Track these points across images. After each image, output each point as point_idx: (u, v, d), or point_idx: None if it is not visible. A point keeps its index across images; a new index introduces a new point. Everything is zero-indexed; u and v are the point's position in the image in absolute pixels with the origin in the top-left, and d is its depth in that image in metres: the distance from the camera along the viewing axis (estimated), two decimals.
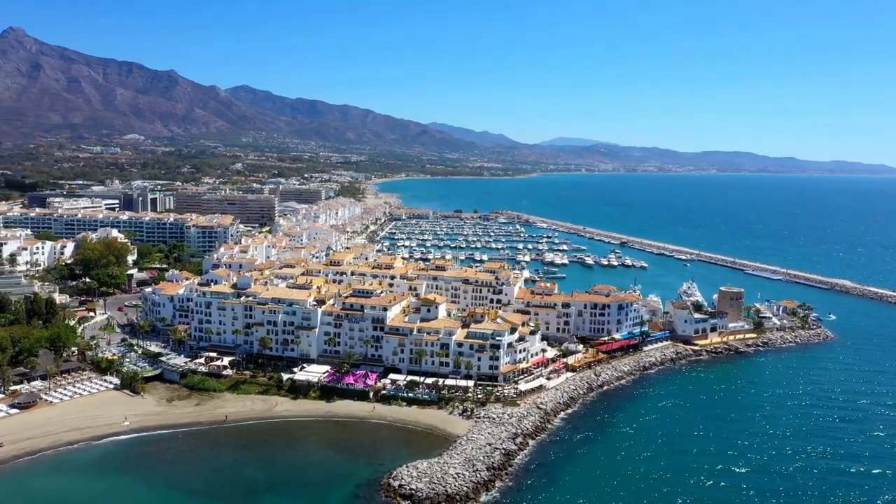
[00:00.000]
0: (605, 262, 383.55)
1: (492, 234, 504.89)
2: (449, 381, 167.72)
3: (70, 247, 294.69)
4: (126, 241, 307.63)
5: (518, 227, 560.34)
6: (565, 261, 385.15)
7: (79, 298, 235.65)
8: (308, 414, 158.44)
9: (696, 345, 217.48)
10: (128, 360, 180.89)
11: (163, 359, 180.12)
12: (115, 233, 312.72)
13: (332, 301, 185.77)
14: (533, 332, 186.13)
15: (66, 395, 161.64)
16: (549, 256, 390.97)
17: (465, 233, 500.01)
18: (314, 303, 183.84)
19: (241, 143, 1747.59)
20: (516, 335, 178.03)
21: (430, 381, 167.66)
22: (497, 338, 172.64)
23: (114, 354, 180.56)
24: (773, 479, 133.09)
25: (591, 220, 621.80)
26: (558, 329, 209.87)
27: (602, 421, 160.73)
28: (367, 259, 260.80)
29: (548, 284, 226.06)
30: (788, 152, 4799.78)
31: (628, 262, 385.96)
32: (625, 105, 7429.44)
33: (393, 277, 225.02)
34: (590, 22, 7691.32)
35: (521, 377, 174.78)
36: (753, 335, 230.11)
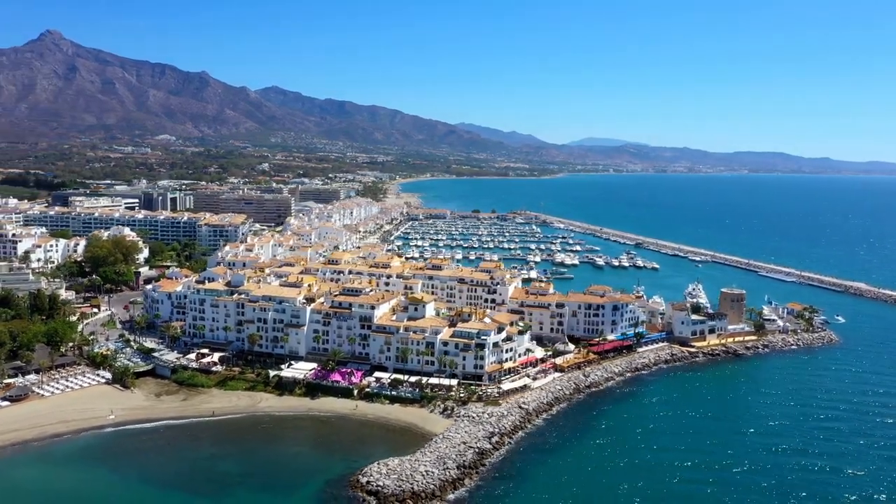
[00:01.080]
0: (616, 263, 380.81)
1: (506, 234, 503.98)
2: (433, 380, 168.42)
3: (83, 244, 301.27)
4: (137, 239, 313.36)
5: (534, 227, 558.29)
6: (576, 261, 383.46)
7: (84, 295, 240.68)
8: (291, 410, 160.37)
9: (692, 346, 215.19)
10: (122, 355, 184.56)
11: (155, 354, 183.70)
12: (126, 231, 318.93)
13: (321, 299, 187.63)
14: (521, 332, 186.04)
15: (58, 388, 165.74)
16: (559, 257, 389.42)
17: (480, 233, 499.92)
18: (304, 301, 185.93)
19: (270, 144, 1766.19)
20: (503, 335, 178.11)
21: (413, 379, 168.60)
22: (482, 337, 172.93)
23: (108, 350, 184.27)
24: (743, 482, 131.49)
25: (610, 220, 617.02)
26: (552, 329, 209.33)
27: (584, 422, 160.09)
28: (365, 258, 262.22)
29: (543, 284, 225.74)
30: (823, 153, 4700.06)
31: (640, 262, 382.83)
32: (655, 105, 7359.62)
33: (389, 276, 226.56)
34: (623, 24, 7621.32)
35: (507, 377, 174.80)
36: (754, 337, 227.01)
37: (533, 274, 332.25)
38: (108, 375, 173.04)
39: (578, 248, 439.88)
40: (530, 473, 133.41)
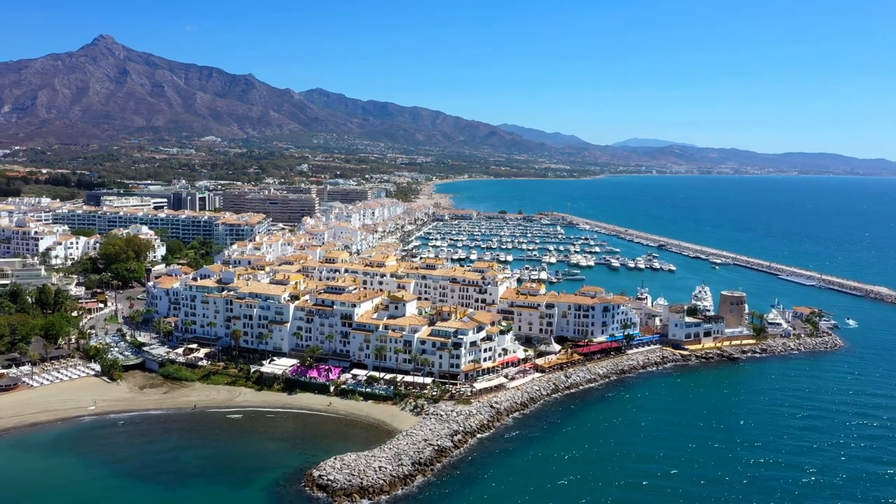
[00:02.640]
0: (632, 265, 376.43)
1: (528, 235, 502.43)
2: (408, 378, 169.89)
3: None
4: (155, 237, 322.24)
5: (559, 228, 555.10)
6: (591, 263, 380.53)
7: (92, 290, 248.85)
8: (266, 405, 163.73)
9: (685, 349, 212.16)
10: (116, 349, 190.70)
11: (145, 349, 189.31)
12: (144, 230, 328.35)
13: (306, 297, 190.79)
14: (503, 332, 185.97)
15: (48, 379, 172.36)
16: (574, 258, 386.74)
17: (503, 234, 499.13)
18: (288, 298, 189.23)
19: (312, 145, 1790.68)
20: (482, 334, 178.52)
21: (389, 377, 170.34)
22: (459, 336, 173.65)
23: (102, 343, 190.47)
24: (704, 485, 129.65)
25: (639, 222, 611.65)
26: (541, 330, 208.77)
27: (555, 423, 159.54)
28: (362, 258, 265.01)
29: (533, 285, 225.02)
30: (879, 153, 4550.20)
31: (656, 265, 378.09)
32: (703, 106, 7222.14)
33: (383, 276, 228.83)
34: (672, 26, 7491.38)
35: (485, 376, 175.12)
36: (752, 341, 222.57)
37: (543, 275, 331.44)
38: (98, 368, 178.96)
39: (598, 249, 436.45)
40: (485, 472, 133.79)
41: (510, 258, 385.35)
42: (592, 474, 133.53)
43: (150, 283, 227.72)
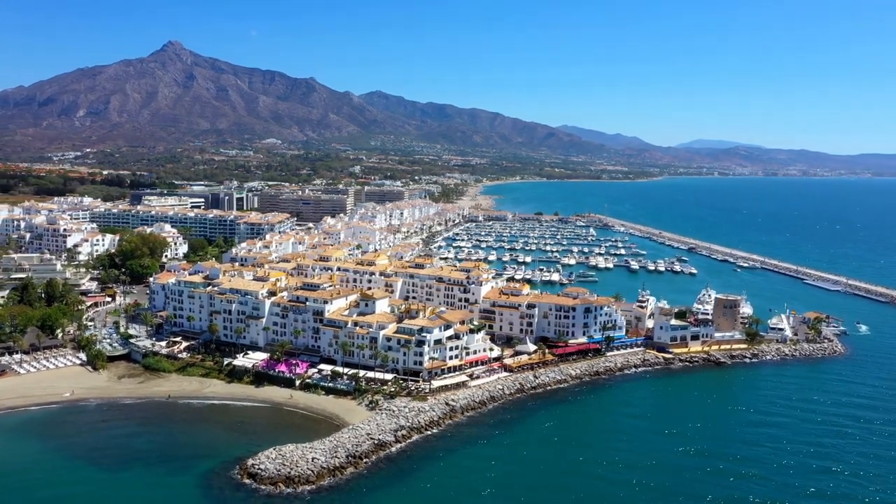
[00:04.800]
0: (652, 268, 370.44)
1: (558, 237, 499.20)
2: (371, 374, 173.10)
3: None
4: (177, 235, 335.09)
5: (591, 230, 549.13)
6: (610, 265, 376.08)
7: (102, 285, 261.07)
8: (231, 397, 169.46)
9: (669, 353, 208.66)
10: (108, 340, 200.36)
11: (132, 341, 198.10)
12: (167, 228, 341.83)
13: (283, 293, 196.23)
14: (473, 331, 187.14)
15: (35, 367, 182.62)
16: (594, 260, 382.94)
17: (532, 235, 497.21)
18: (266, 294, 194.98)
19: (369, 147, 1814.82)
20: (448, 332, 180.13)
21: (352, 372, 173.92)
22: (423, 334, 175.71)
23: (92, 335, 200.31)
24: (638, 491, 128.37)
25: (677, 224, 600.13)
26: (521, 330, 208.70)
27: (508, 422, 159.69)
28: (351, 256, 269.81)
29: (517, 285, 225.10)
30: None
31: (677, 268, 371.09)
32: (771, 106, 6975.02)
33: (373, 274, 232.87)
34: (739, 26, 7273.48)
35: (449, 374, 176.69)
36: (743, 346, 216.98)
37: (555, 276, 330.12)
38: (85, 358, 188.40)
39: (623, 251, 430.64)
40: (419, 468, 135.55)
41: (528, 259, 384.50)
42: (528, 475, 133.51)
43: (152, 279, 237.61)
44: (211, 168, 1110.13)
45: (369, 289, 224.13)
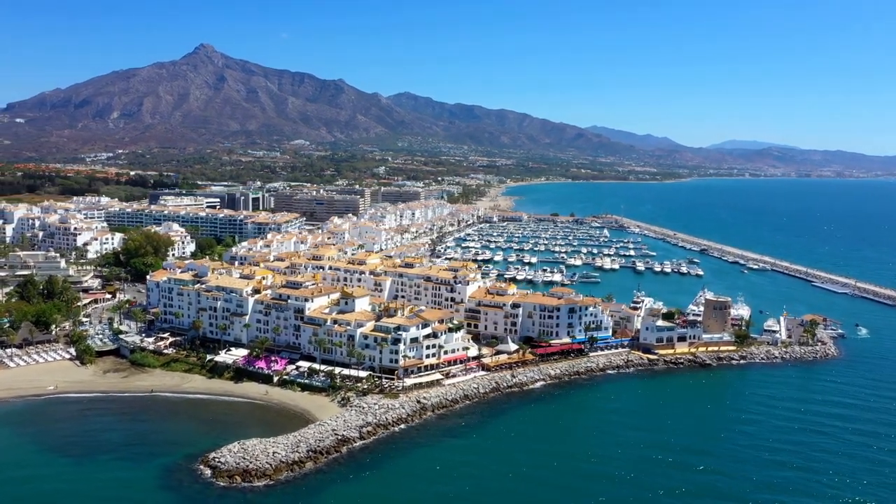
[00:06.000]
0: (658, 269, 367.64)
1: (570, 237, 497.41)
2: (346, 371, 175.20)
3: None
4: (185, 234, 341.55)
5: (605, 231, 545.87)
6: (616, 266, 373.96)
7: (104, 282, 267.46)
8: (210, 392, 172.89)
9: (654, 354, 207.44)
10: (100, 336, 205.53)
11: (121, 336, 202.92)
12: (175, 227, 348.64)
13: (267, 291, 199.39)
14: (451, 330, 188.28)
15: (25, 361, 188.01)
16: (600, 261, 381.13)
17: (544, 236, 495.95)
18: (250, 292, 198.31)
19: (396, 148, 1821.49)
20: (426, 331, 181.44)
21: (328, 369, 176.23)
22: (399, 332, 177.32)
23: (83, 330, 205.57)
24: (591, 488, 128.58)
25: (694, 225, 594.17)
26: (506, 330, 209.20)
27: (477, 420, 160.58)
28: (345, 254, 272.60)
29: (503, 285, 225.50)
30: None
31: (684, 269, 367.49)
32: (808, 106, 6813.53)
33: (362, 273, 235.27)
34: (776, 28, 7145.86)
35: (424, 372, 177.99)
36: (732, 348, 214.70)
37: (557, 277, 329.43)
38: (74, 353, 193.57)
39: (633, 252, 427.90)
40: (380, 464, 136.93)
41: (534, 260, 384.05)
42: (486, 472, 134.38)
43: (148, 277, 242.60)
44: (237, 169, 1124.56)
45: (360, 287, 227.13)
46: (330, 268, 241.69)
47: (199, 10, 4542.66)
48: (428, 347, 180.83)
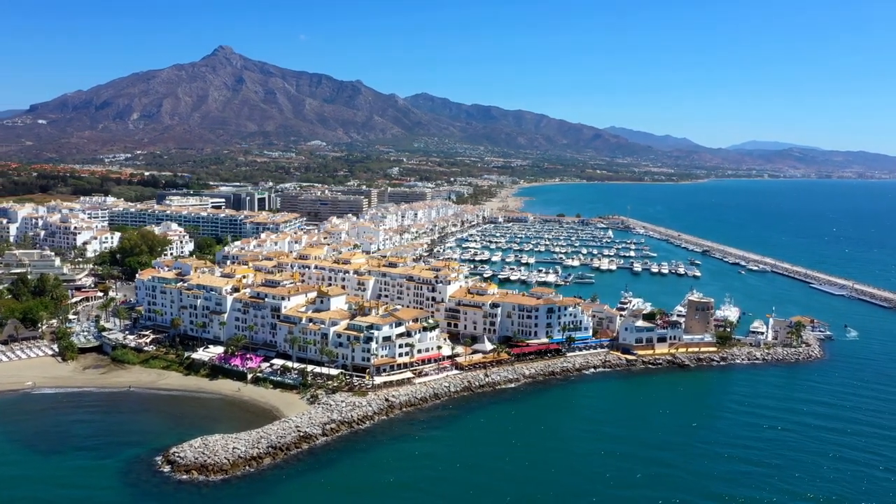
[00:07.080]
0: (656, 270, 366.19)
1: (573, 238, 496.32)
2: (318, 369, 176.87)
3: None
4: (183, 234, 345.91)
5: (609, 232, 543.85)
6: (613, 267, 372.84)
7: (97, 280, 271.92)
8: (183, 388, 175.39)
9: (633, 354, 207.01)
10: (84, 333, 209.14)
11: (104, 333, 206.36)
12: (174, 226, 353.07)
13: (246, 290, 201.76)
14: (426, 329, 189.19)
15: (8, 357, 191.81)
16: (596, 262, 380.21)
17: (547, 237, 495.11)
18: (230, 290, 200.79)
19: (412, 149, 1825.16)
20: (399, 329, 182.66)
21: (300, 367, 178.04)
22: (371, 331, 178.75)
23: (67, 327, 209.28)
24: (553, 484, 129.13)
25: (700, 226, 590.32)
26: (485, 329, 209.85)
27: (443, 419, 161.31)
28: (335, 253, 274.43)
29: (483, 285, 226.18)
30: None
31: (681, 270, 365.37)
32: (831, 107, 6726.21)
33: (346, 272, 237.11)
34: (800, 30, 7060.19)
35: (395, 371, 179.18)
36: (713, 349, 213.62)
37: (551, 278, 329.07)
38: (57, 349, 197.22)
39: (633, 253, 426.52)
40: (340, 461, 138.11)
41: (532, 260, 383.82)
42: (444, 469, 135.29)
43: (137, 275, 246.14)
44: (252, 169, 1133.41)
45: (343, 286, 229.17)
46: (315, 267, 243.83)
47: (218, 12, 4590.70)
48: (401, 346, 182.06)
